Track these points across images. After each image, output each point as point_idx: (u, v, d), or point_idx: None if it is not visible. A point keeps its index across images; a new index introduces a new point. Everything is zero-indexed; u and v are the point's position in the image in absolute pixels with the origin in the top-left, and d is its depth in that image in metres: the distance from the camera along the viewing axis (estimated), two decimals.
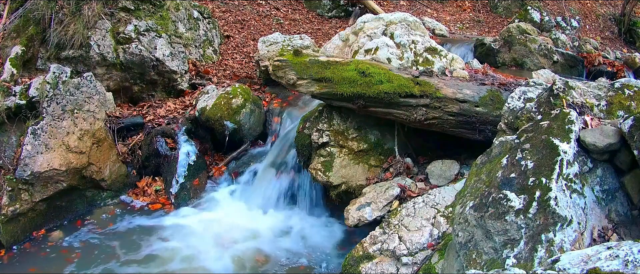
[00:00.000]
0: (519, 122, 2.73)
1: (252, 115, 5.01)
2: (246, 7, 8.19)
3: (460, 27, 8.92)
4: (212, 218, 4.28)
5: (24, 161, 3.85)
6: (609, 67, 6.95)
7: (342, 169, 3.95)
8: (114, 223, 4.19)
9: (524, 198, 2.02)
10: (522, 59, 6.86)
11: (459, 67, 4.46)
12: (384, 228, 3.22)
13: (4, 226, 3.74)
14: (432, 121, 3.64)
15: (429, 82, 3.66)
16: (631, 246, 1.45)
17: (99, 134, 4.36)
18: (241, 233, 4.08)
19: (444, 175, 3.74)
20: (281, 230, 4.15)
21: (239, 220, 4.24)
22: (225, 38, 7.03)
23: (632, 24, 8.73)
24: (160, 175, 4.73)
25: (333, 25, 8.36)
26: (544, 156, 2.13)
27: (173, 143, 4.74)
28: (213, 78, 5.79)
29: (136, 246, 3.88)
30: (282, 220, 4.26)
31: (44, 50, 4.85)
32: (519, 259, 1.92)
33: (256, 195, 4.52)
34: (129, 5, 5.26)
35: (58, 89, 4.20)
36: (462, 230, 2.20)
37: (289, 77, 3.83)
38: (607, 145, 2.15)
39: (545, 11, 8.40)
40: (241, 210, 4.40)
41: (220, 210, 4.41)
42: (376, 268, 2.98)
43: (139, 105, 5.30)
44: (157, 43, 5.24)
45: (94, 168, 4.29)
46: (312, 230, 4.13)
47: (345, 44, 5.03)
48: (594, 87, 2.73)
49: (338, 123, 4.07)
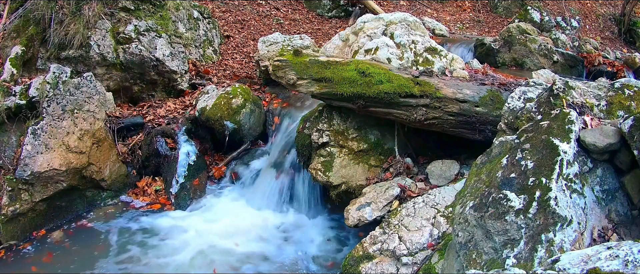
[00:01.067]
0: (519, 122, 2.73)
1: (252, 115, 5.01)
2: (246, 7, 8.19)
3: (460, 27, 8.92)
4: (212, 218, 4.28)
5: (24, 161, 3.85)
6: (609, 67, 6.95)
7: (342, 169, 3.95)
8: (113, 223, 4.19)
9: (524, 198, 2.02)
10: (522, 59, 6.86)
11: (459, 67, 4.46)
12: (384, 228, 3.22)
13: (4, 226, 3.74)
14: (432, 121, 3.64)
15: (429, 82, 3.66)
16: (631, 246, 1.45)
17: (99, 134, 4.36)
18: (241, 233, 4.08)
19: (444, 175, 3.74)
20: (281, 230, 4.15)
21: (239, 220, 4.24)
22: (225, 38, 7.03)
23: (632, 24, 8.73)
24: (160, 175, 4.73)
25: (333, 25, 8.36)
26: (544, 156, 2.13)
27: (173, 143, 4.74)
28: (213, 78, 5.79)
29: (136, 246, 3.88)
30: (282, 220, 4.26)
31: (44, 50, 4.85)
32: (519, 259, 1.92)
33: (256, 195, 4.52)
34: (129, 5, 5.26)
35: (58, 89, 4.20)
36: (462, 230, 2.20)
37: (289, 77, 3.83)
38: (607, 145, 2.15)
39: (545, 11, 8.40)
40: (241, 210, 4.40)
41: (220, 210, 4.41)
42: (376, 268, 2.98)
43: (139, 105, 5.30)
44: (157, 43, 5.24)
45: (94, 168, 4.29)
46: (312, 230, 4.13)
47: (345, 44, 5.03)
48: (594, 87, 2.73)
49: (338, 123, 4.07)
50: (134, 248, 3.86)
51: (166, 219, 4.25)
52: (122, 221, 4.22)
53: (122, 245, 3.89)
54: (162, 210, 4.40)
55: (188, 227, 4.13)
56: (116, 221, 4.22)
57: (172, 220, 4.23)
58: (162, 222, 4.21)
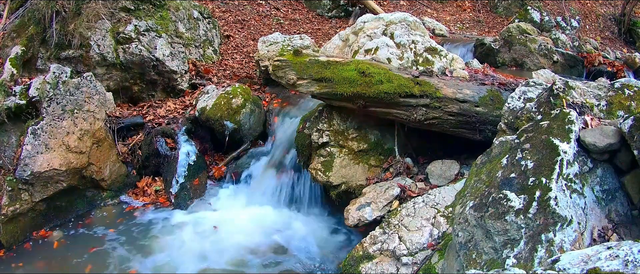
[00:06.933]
0: (519, 122, 2.73)
1: (252, 115, 5.01)
2: (246, 7, 8.19)
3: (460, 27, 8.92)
4: (212, 218, 4.27)
5: (24, 161, 3.85)
6: (609, 67, 6.96)
7: (342, 169, 3.95)
8: (113, 223, 4.19)
9: (524, 198, 2.02)
10: (522, 59, 6.86)
11: (459, 67, 4.46)
12: (384, 228, 3.22)
13: (4, 226, 3.74)
14: (432, 121, 3.64)
15: (429, 82, 3.66)
16: (631, 246, 1.45)
17: (99, 134, 4.36)
18: (241, 233, 4.08)
19: (444, 175, 3.74)
20: (281, 230, 4.14)
21: (239, 220, 4.24)
22: (225, 38, 7.03)
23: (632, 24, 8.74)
24: (160, 175, 4.73)
25: (333, 25, 8.36)
26: (544, 156, 2.13)
27: (173, 143, 4.73)
28: (213, 78, 5.79)
29: (136, 246, 3.88)
30: (281, 220, 4.26)
31: (44, 50, 4.85)
32: (519, 259, 1.92)
33: (256, 195, 4.52)
34: (129, 5, 5.26)
35: (58, 89, 4.20)
36: (462, 230, 2.20)
37: (289, 77, 3.83)
38: (607, 145, 2.15)
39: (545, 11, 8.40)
40: (241, 210, 4.40)
41: (220, 210, 4.41)
42: (376, 268, 2.98)
43: (139, 105, 5.30)
44: (157, 43, 5.24)
45: (94, 168, 4.29)
46: (312, 230, 4.13)
47: (345, 44, 5.03)
48: (594, 87, 2.73)
49: (338, 123, 4.07)
50: (134, 248, 3.86)
51: (166, 219, 4.25)
52: (121, 221, 4.22)
53: (121, 245, 3.89)
54: (162, 210, 4.40)
55: (188, 227, 4.13)
56: (116, 221, 4.22)
57: (172, 220, 4.23)
58: (162, 222, 4.20)
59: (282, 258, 3.81)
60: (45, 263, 3.67)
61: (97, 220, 4.25)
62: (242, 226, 4.16)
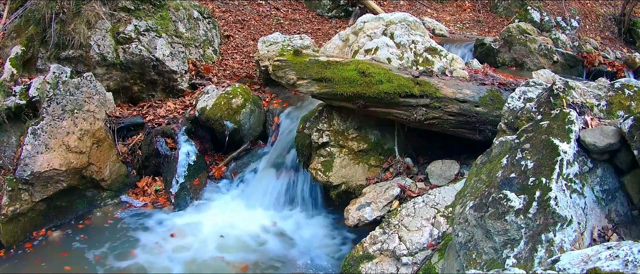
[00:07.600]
0: (519, 122, 2.73)
1: (252, 115, 5.01)
2: (246, 7, 8.19)
3: (460, 27, 8.92)
4: (211, 218, 4.27)
5: (24, 161, 3.85)
6: (609, 67, 6.96)
7: (342, 169, 3.95)
8: (113, 223, 4.19)
9: (524, 198, 2.02)
10: (522, 59, 6.86)
11: (459, 67, 4.46)
12: (384, 228, 3.22)
13: (4, 226, 3.74)
14: (432, 121, 3.64)
15: (429, 82, 3.66)
16: (631, 246, 1.45)
17: (99, 134, 4.36)
18: (241, 233, 4.08)
19: (444, 175, 3.74)
20: (281, 230, 4.15)
21: (239, 220, 4.24)
22: (225, 38, 7.03)
23: (632, 24, 8.74)
24: (160, 175, 4.73)
25: (333, 25, 8.36)
26: (544, 156, 2.13)
27: (173, 143, 4.73)
28: (213, 78, 5.79)
29: (136, 246, 3.88)
30: (282, 220, 4.26)
31: (44, 50, 4.85)
32: (519, 259, 1.92)
33: (256, 195, 4.52)
34: (129, 5, 5.26)
35: (58, 89, 4.20)
36: (462, 230, 2.20)
37: (289, 77, 3.83)
38: (607, 145, 2.15)
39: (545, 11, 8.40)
40: (241, 210, 4.40)
41: (220, 210, 4.41)
42: (376, 268, 2.98)
43: (139, 105, 5.30)
44: (157, 43, 5.24)
45: (94, 168, 4.29)
46: (312, 230, 4.13)
47: (345, 44, 5.04)
48: (594, 87, 2.73)
49: (338, 123, 4.07)
50: (134, 248, 3.86)
51: (166, 219, 4.25)
52: (122, 221, 4.22)
53: (121, 245, 3.89)
54: (162, 210, 4.40)
55: (188, 227, 4.13)
56: (116, 221, 4.22)
57: (172, 220, 4.23)
58: (162, 222, 4.20)
59: (282, 258, 3.81)
60: (45, 263, 3.67)
61: (97, 219, 4.25)
62: (242, 226, 4.16)
